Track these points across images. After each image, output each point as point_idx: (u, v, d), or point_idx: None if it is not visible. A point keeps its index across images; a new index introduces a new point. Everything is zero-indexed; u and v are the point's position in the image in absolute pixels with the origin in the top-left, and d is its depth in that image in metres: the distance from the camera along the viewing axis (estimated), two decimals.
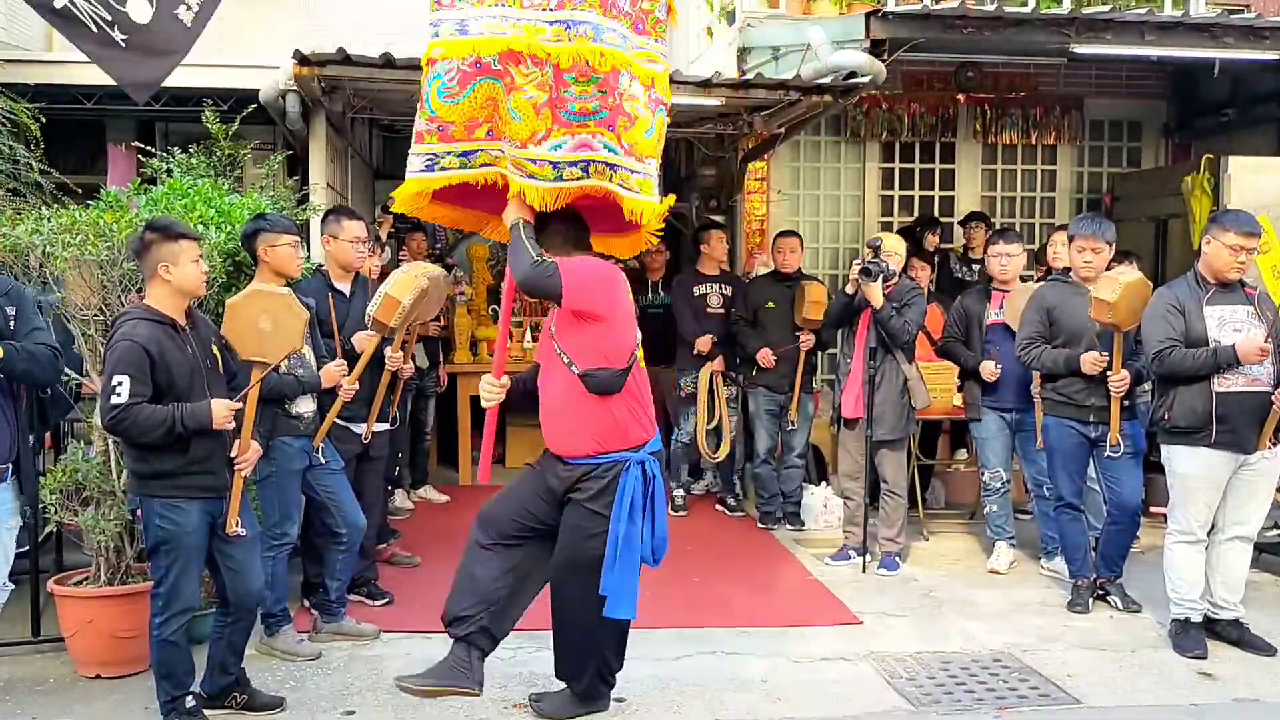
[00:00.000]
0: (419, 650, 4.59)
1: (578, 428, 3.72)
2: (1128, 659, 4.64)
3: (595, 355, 3.66)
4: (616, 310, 3.70)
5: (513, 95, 3.49)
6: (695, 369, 6.98)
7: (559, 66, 3.50)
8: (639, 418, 3.76)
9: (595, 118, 3.53)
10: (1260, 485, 4.70)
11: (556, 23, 3.53)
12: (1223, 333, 4.57)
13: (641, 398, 3.78)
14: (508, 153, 3.54)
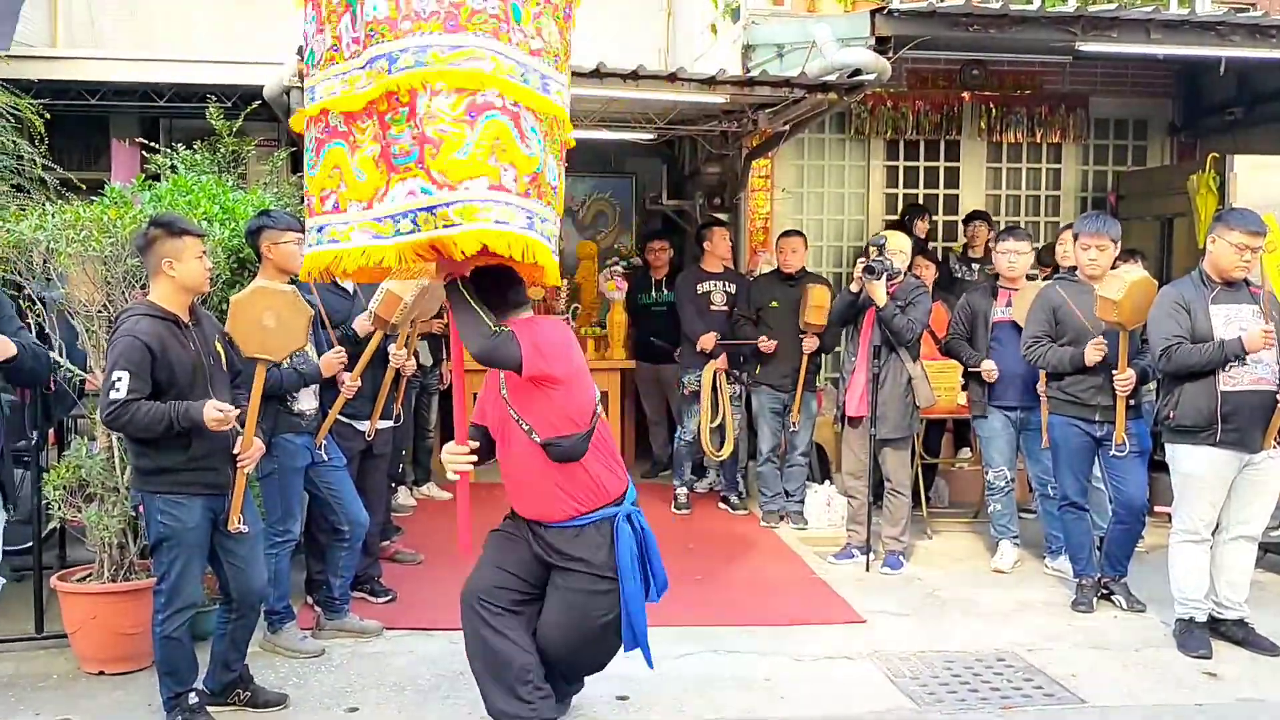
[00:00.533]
0: (422, 648, 4.60)
1: (552, 494, 3.56)
2: (1132, 658, 4.63)
3: (557, 421, 3.48)
4: (574, 371, 3.53)
5: (356, 155, 3.30)
6: (699, 367, 6.97)
7: (378, 110, 3.22)
8: (612, 469, 3.61)
9: (410, 159, 3.17)
10: (1265, 485, 4.68)
11: (368, 64, 3.22)
12: (1228, 331, 4.56)
13: (609, 449, 3.64)
14: (355, 221, 3.31)
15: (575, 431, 3.48)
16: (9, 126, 5.54)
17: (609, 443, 3.66)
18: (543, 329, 3.50)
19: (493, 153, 3.12)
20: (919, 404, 5.83)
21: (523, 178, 3.20)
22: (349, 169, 3.31)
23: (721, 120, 7.37)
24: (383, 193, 3.24)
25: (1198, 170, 7.05)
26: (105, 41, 8.24)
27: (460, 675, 4.27)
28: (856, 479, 6.00)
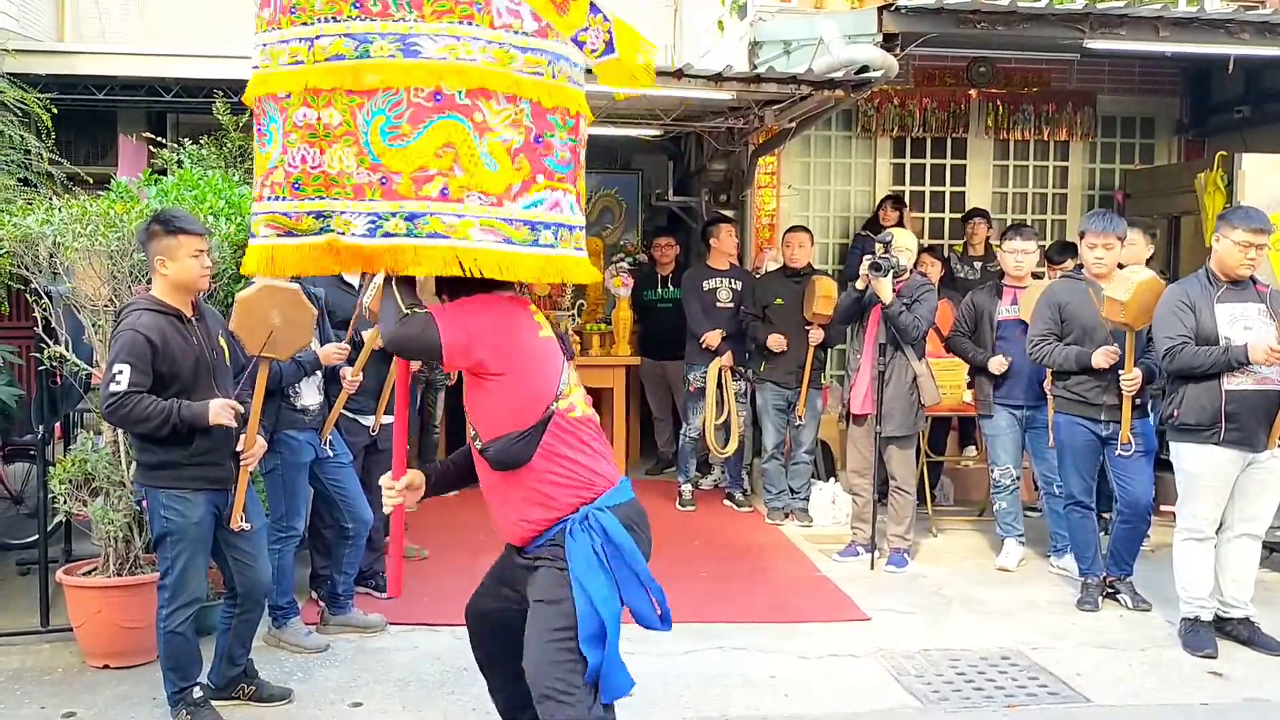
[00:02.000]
0: (426, 643, 4.60)
1: (505, 512, 2.94)
2: (1137, 658, 4.62)
3: (500, 418, 2.82)
4: (516, 357, 2.81)
5: (485, 138, 2.66)
6: (704, 363, 6.97)
7: (539, 105, 2.72)
8: (577, 474, 2.86)
9: (566, 169, 2.81)
10: (1269, 483, 4.67)
11: (535, 51, 2.72)
12: (1234, 330, 4.55)
13: (578, 449, 2.87)
14: (471, 214, 2.66)
15: (510, 431, 2.81)
16: (16, 121, 5.55)
17: (582, 438, 2.89)
18: (476, 309, 2.83)
19: None
20: (924, 402, 5.82)
21: None
22: (473, 152, 2.64)
23: (728, 117, 7.36)
24: (516, 190, 2.71)
25: (1206, 168, 7.02)
26: (112, 36, 8.25)
27: (464, 671, 4.28)
28: (861, 477, 5.99)
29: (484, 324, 2.80)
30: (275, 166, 2.71)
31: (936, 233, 8.54)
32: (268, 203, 2.74)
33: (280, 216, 2.71)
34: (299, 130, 2.65)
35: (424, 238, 2.64)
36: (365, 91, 2.61)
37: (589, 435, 2.91)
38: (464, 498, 7.09)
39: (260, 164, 2.76)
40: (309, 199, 2.66)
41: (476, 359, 2.78)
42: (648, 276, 8.03)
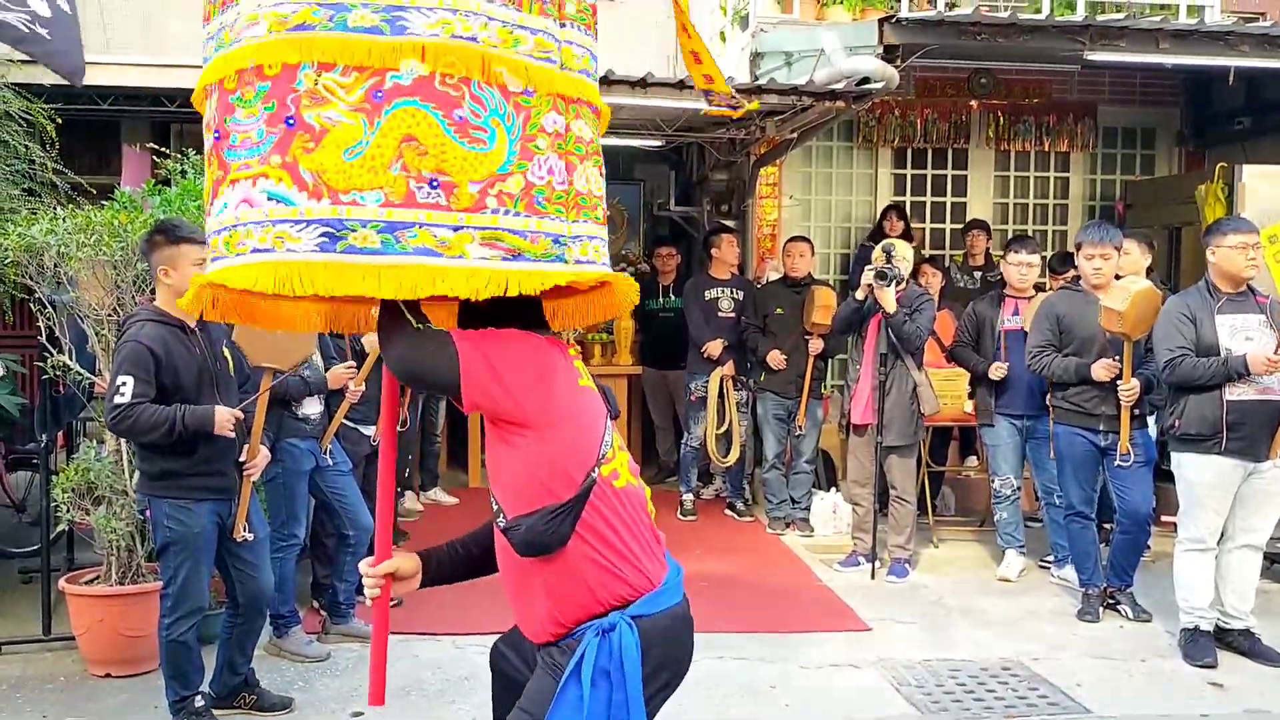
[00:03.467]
0: (426, 652, 4.61)
1: (530, 604, 2.30)
2: (1137, 668, 4.62)
3: (531, 487, 2.20)
4: (551, 409, 2.21)
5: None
6: (706, 373, 6.98)
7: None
8: (618, 562, 2.24)
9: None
10: (1271, 494, 4.68)
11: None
12: (1234, 341, 4.56)
13: (623, 527, 2.25)
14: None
15: (541, 507, 2.18)
16: (21, 130, 5.57)
17: (626, 519, 2.26)
18: (503, 341, 2.22)
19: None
20: (924, 411, 5.83)
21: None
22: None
23: (730, 127, 7.38)
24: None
25: (1206, 180, 7.05)
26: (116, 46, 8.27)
27: (465, 680, 4.30)
28: (862, 486, 6.00)
29: (512, 361, 2.19)
30: (509, 173, 2.09)
31: (938, 243, 8.57)
32: (491, 215, 2.07)
33: (507, 234, 2.08)
34: (546, 137, 2.14)
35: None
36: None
37: (634, 512, 2.26)
38: (464, 510, 7.14)
39: (470, 163, 2.06)
40: (550, 218, 2.14)
41: (500, 403, 2.19)
42: (649, 286, 8.04)
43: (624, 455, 2.31)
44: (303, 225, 2.01)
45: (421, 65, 2.02)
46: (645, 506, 2.33)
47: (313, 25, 2.02)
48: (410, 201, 2.02)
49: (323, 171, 2.01)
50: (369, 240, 2.01)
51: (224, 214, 2.11)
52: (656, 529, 2.37)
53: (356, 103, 2.02)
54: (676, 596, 2.35)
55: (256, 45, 2.06)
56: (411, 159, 2.02)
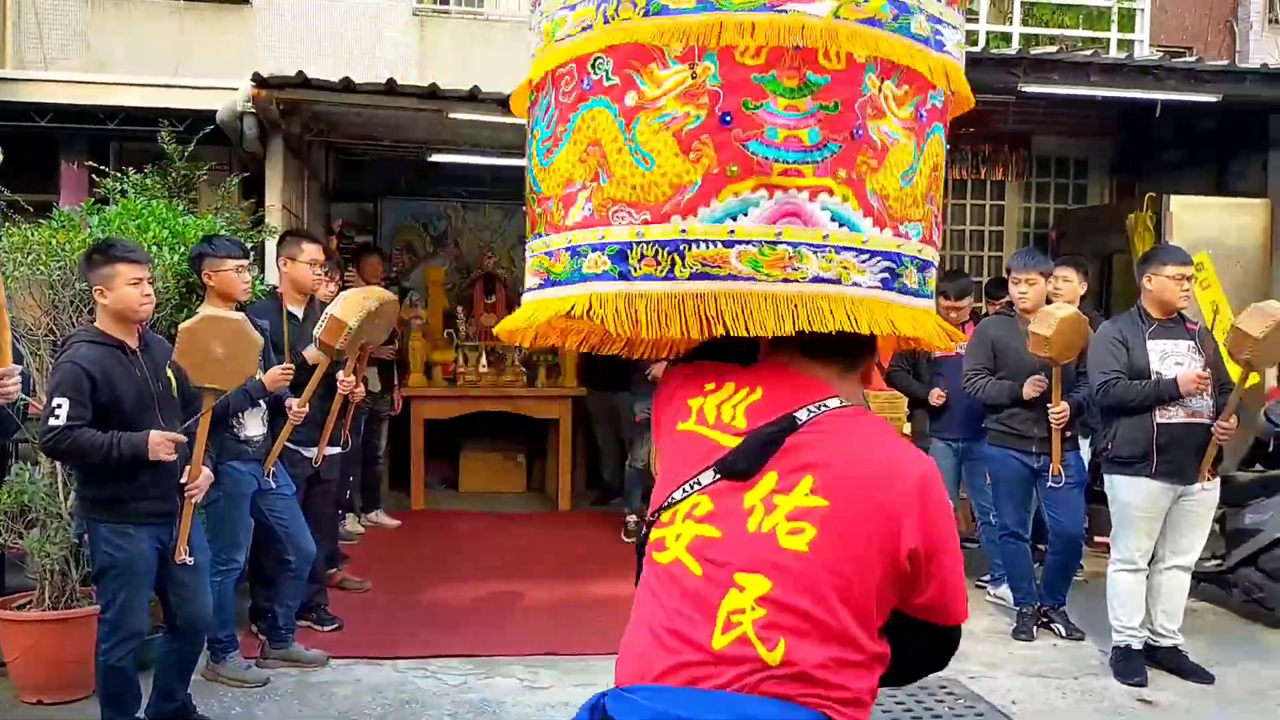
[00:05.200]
0: (368, 676, 4.57)
1: None
2: (1070, 686, 4.72)
3: None
4: (659, 442, 1.91)
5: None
6: (650, 395, 6.99)
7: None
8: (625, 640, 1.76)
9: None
10: (1200, 515, 4.81)
11: None
12: (1164, 366, 4.70)
13: (641, 607, 1.75)
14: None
15: None
16: None
17: (649, 595, 1.74)
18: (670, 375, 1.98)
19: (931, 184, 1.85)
20: None
21: None
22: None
23: None
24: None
25: (1136, 209, 7.25)
26: (56, 63, 8.17)
27: (406, 704, 4.27)
28: None
29: (660, 395, 1.95)
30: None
31: None
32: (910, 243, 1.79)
33: None
34: None
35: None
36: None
37: (659, 591, 1.71)
38: (406, 533, 7.10)
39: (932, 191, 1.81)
40: None
41: None
42: None
43: (694, 528, 1.69)
44: (867, 256, 1.71)
45: (946, 87, 1.82)
46: (687, 594, 1.66)
47: (880, 22, 1.71)
48: (928, 238, 1.82)
49: (886, 196, 1.73)
50: (912, 279, 1.77)
51: (753, 223, 1.67)
52: (696, 630, 1.62)
53: (907, 119, 1.76)
54: None
55: (819, 25, 1.67)
56: (936, 192, 1.84)
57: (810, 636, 1.59)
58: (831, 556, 1.62)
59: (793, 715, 1.56)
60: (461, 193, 9.13)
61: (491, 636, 5.07)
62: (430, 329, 8.05)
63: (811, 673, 1.57)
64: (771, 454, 1.68)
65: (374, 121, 6.77)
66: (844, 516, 1.64)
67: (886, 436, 1.76)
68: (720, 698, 1.56)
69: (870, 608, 1.64)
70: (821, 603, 1.60)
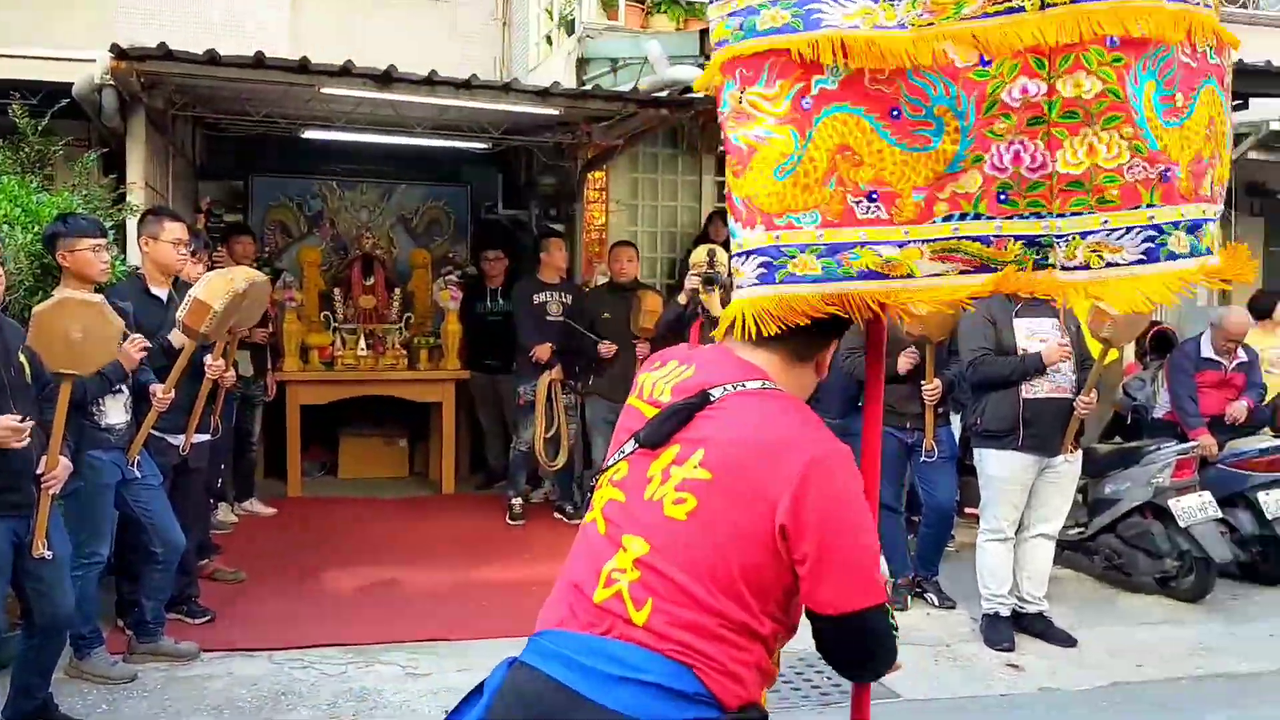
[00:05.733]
0: (241, 669, 4.44)
1: None
2: (943, 653, 4.88)
3: None
4: None
5: None
6: (534, 377, 6.97)
7: None
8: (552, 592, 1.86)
9: None
10: (1062, 486, 5.03)
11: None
12: (1030, 343, 4.88)
13: (571, 559, 1.85)
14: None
15: None
16: None
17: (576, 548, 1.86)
18: None
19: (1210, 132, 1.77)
20: None
21: None
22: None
23: (556, 132, 7.41)
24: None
25: None
26: None
27: (282, 696, 4.17)
28: None
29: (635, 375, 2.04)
30: (962, 170, 1.76)
31: None
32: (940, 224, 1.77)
33: (969, 243, 1.78)
34: (1011, 114, 1.73)
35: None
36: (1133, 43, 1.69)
37: (576, 550, 1.85)
38: (282, 521, 6.91)
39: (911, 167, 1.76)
40: (1021, 216, 1.77)
41: None
42: (477, 289, 7.98)
43: (609, 491, 1.83)
44: (743, 257, 1.82)
45: (845, 65, 1.73)
46: (591, 550, 1.79)
47: (725, 40, 1.82)
48: (849, 219, 1.77)
49: (753, 197, 1.80)
50: (809, 267, 1.78)
51: None
52: (587, 584, 1.75)
53: (784, 114, 1.78)
54: (550, 657, 1.71)
55: None
56: (847, 171, 1.76)
57: (678, 603, 1.67)
58: (707, 528, 1.69)
59: (660, 666, 1.64)
60: (338, 171, 8.89)
61: (372, 625, 4.97)
62: (306, 311, 7.82)
63: (675, 635, 1.65)
64: (679, 427, 1.77)
65: (243, 96, 6.53)
66: (724, 490, 1.70)
67: (790, 418, 1.77)
68: (600, 642, 1.68)
69: (745, 583, 1.67)
70: (691, 571, 1.67)
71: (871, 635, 1.73)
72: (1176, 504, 5.57)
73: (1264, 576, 6.04)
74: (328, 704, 4.11)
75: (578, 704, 1.64)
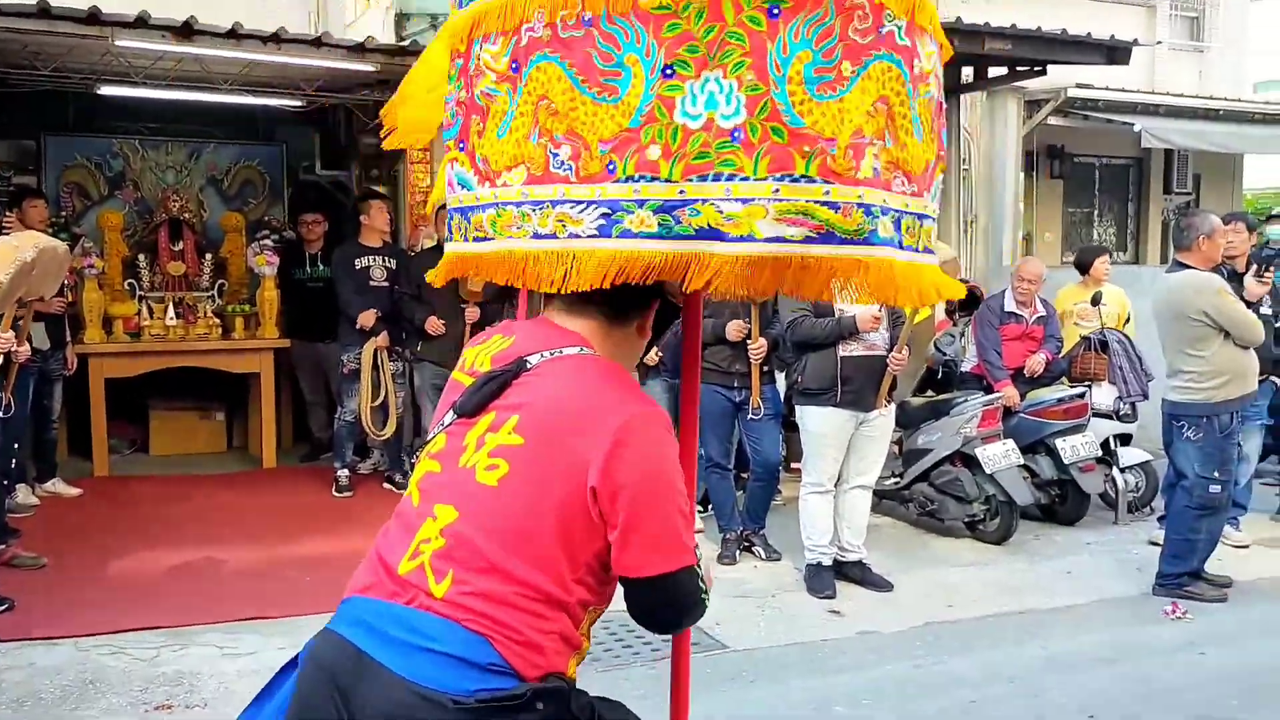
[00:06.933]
0: (44, 658, 4.17)
1: None
2: (769, 604, 5.03)
3: None
4: None
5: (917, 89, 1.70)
6: (359, 344, 6.77)
7: None
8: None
9: None
10: (878, 439, 5.24)
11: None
12: (847, 304, 5.04)
13: (383, 532, 1.85)
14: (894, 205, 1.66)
15: None
16: None
17: (390, 524, 1.85)
18: None
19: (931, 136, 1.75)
20: None
21: None
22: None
23: (376, 90, 7.16)
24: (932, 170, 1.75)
25: None
26: None
27: (90, 685, 3.95)
28: None
29: None
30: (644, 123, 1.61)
31: None
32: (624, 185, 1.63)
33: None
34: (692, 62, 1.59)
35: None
36: None
37: (391, 519, 1.85)
38: (88, 501, 6.52)
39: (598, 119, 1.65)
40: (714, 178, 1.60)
41: None
42: (295, 254, 7.68)
43: (427, 464, 1.82)
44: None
45: (544, 9, 1.67)
46: (406, 515, 1.79)
47: None
48: (547, 175, 1.69)
49: (488, 156, 1.79)
50: (646, 224, 1.62)
51: None
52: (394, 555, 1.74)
53: (503, 70, 1.75)
54: (351, 623, 1.70)
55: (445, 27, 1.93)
56: (546, 121, 1.68)
57: (479, 571, 1.65)
58: (517, 494, 1.67)
59: (456, 635, 1.62)
60: (141, 129, 8.37)
61: (188, 606, 4.75)
62: (108, 279, 7.35)
63: (472, 605, 1.63)
64: (494, 394, 1.76)
65: (30, 49, 6.04)
66: (535, 456, 1.68)
67: (606, 383, 1.76)
68: (401, 611, 1.66)
69: (556, 549, 1.66)
70: (498, 539, 1.66)
71: (682, 596, 1.73)
72: (983, 452, 5.90)
73: (1061, 517, 6.47)
74: (140, 690, 3.91)
75: (374, 671, 1.62)
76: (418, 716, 1.58)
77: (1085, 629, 4.83)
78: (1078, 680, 4.23)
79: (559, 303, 1.85)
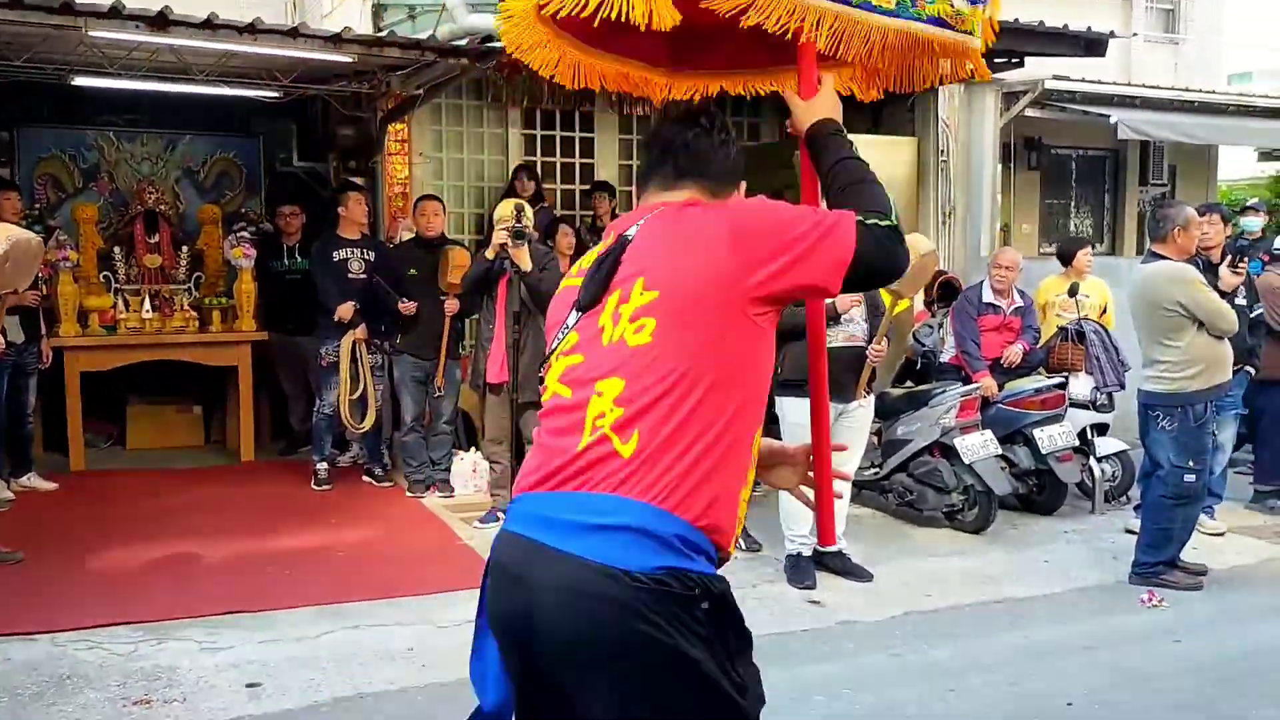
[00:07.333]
0: (20, 654, 4.14)
1: None
2: (750, 594, 5.03)
3: None
4: None
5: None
6: (337, 337, 6.74)
7: None
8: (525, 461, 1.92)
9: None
10: (858, 429, 5.26)
11: None
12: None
13: (540, 433, 1.89)
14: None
15: None
16: None
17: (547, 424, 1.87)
18: None
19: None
20: None
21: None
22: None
23: (353, 81, 7.12)
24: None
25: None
26: None
27: (67, 680, 3.92)
28: (499, 444, 6.07)
29: None
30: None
31: (569, 204, 8.78)
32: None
33: None
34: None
35: None
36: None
37: (543, 422, 1.86)
38: (65, 496, 6.47)
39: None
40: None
41: None
42: (273, 246, 7.64)
43: (564, 363, 1.84)
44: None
45: None
46: (561, 414, 1.81)
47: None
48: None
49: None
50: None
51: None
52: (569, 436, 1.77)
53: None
54: (522, 517, 1.79)
55: None
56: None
57: (662, 417, 1.71)
58: (669, 335, 1.74)
59: (630, 508, 1.67)
60: (115, 121, 8.29)
61: (166, 601, 4.73)
62: (83, 272, 7.28)
63: (660, 461, 1.69)
64: (610, 274, 1.83)
65: (3, 39, 5.97)
66: (673, 292, 1.76)
67: (703, 208, 1.90)
68: (567, 496, 1.73)
69: (720, 372, 1.74)
70: (666, 385, 1.72)
71: None
72: (961, 442, 5.93)
73: (1039, 507, 6.52)
74: (117, 684, 3.88)
75: (545, 553, 1.70)
76: (591, 589, 1.65)
77: (1063, 617, 4.87)
78: (1055, 668, 4.26)
79: (654, 184, 1.97)
